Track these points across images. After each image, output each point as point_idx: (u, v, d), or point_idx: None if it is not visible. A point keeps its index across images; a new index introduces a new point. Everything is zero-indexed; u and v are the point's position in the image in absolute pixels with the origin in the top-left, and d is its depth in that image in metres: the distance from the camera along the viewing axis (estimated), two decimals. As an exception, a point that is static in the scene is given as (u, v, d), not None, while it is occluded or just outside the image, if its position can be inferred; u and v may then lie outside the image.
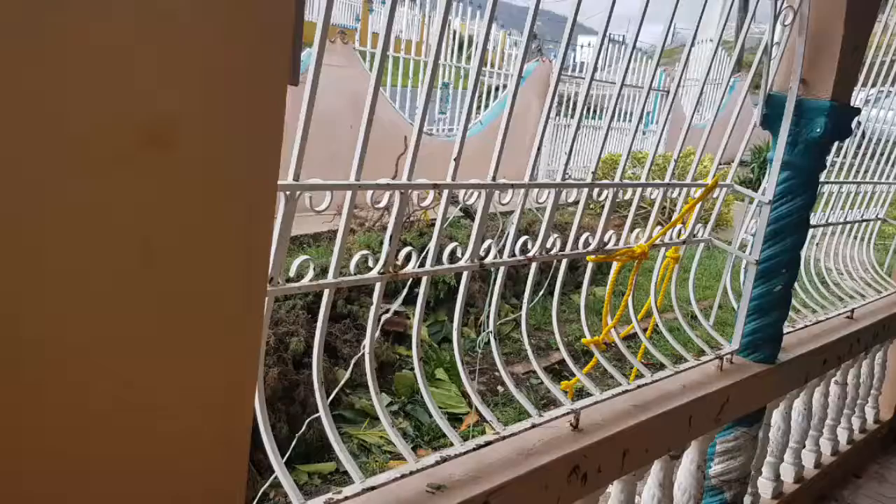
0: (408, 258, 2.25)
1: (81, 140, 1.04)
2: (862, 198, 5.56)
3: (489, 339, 2.69)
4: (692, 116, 3.22)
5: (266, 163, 1.26)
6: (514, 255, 2.59)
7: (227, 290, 1.28)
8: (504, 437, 2.54)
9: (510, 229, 2.57)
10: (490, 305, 2.67)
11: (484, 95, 15.55)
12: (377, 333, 2.28)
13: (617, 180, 2.93)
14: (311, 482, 5.33)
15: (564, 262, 2.88)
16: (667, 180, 3.23)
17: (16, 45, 0.96)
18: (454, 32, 15.55)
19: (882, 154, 5.65)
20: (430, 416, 4.01)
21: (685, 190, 3.38)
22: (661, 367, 3.38)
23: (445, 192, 2.28)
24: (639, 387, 3.14)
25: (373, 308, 2.24)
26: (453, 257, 2.40)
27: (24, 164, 1.00)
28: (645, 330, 3.36)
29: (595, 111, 18.14)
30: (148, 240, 1.15)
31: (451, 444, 2.42)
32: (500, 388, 6.96)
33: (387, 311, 2.74)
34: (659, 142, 3.27)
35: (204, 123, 1.17)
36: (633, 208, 3.09)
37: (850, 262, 5.83)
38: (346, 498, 2.07)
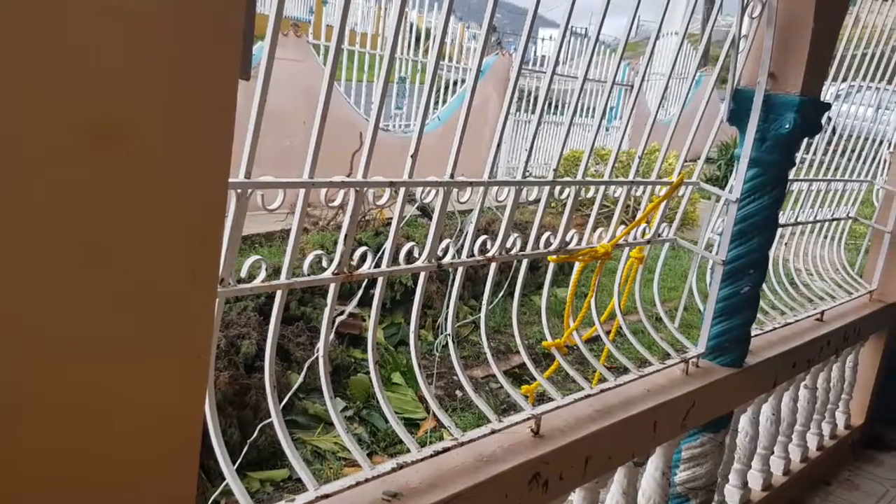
0: (363, 258, 2.28)
1: (28, 137, 1.06)
2: (832, 196, 5.62)
3: (447, 342, 2.72)
4: (657, 112, 3.26)
5: (216, 160, 1.28)
6: (472, 256, 2.63)
7: (176, 292, 1.30)
8: (462, 444, 2.57)
9: (469, 228, 2.60)
10: (448, 307, 2.70)
11: (442, 90, 15.64)
12: (331, 336, 2.30)
13: (579, 178, 2.97)
14: (264, 489, 5.35)
15: (525, 262, 2.92)
16: (631, 178, 3.27)
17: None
18: (411, 25, 15.60)
19: (853, 151, 5.73)
20: (386, 421, 4.04)
21: (650, 188, 3.43)
22: (625, 370, 3.42)
23: (402, 189, 2.31)
24: (602, 391, 3.18)
25: (327, 310, 2.27)
26: (410, 257, 2.43)
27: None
28: (608, 332, 3.40)
29: (557, 106, 18.23)
30: (94, 239, 1.17)
31: (408, 451, 2.46)
32: (458, 393, 7.01)
33: (341, 312, 2.76)
34: (623, 138, 3.31)
35: (152, 120, 1.19)
36: (595, 207, 3.13)
37: (820, 263, 5.90)
38: (300, 506, 2.10)
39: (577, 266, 3.20)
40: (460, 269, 2.67)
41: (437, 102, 15.32)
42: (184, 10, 1.17)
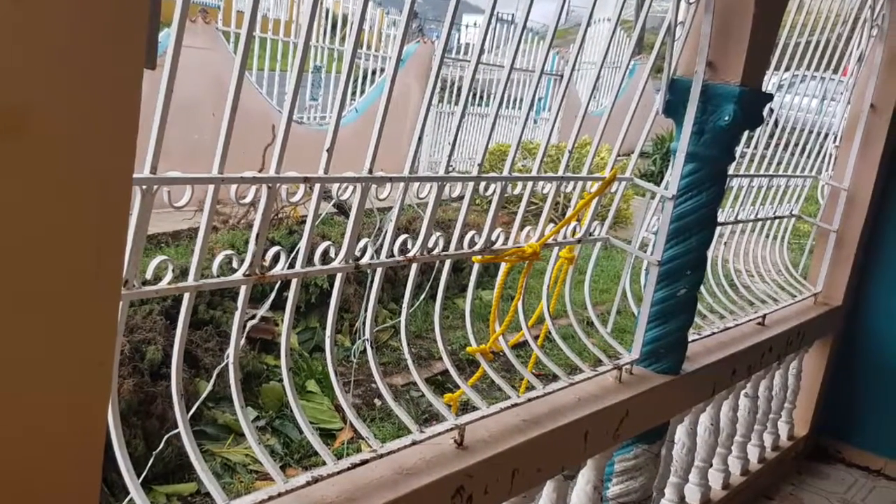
0: (276, 259, 2.31)
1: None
2: (775, 192, 5.71)
3: (365, 348, 2.75)
4: (588, 103, 3.31)
5: (120, 154, 1.30)
6: (392, 256, 2.67)
7: (76, 294, 1.32)
8: (381, 456, 2.62)
9: (388, 227, 2.63)
10: (366, 311, 2.73)
11: (360, 80, 15.66)
12: (242, 341, 2.32)
13: (506, 173, 3.03)
14: (171, 504, 5.35)
15: (448, 263, 2.97)
16: (560, 173, 3.32)
17: None
18: (326, 11, 15.59)
19: (797, 145, 5.81)
20: (301, 431, 4.05)
21: (581, 184, 3.49)
22: (554, 378, 3.48)
23: (317, 186, 2.35)
24: (529, 400, 3.24)
25: (237, 313, 2.30)
26: (326, 258, 2.46)
27: None
28: (536, 338, 3.45)
29: (482, 97, 18.30)
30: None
31: (324, 463, 2.50)
32: (377, 402, 7.07)
33: (253, 316, 2.78)
34: (552, 131, 3.36)
35: (51, 112, 1.21)
36: (523, 204, 3.17)
37: (761, 264, 6.00)
38: (208, 522, 2.12)
39: (504, 267, 3.24)
40: (379, 271, 2.71)
41: (354, 93, 15.40)
42: (85, -4, 1.18)
